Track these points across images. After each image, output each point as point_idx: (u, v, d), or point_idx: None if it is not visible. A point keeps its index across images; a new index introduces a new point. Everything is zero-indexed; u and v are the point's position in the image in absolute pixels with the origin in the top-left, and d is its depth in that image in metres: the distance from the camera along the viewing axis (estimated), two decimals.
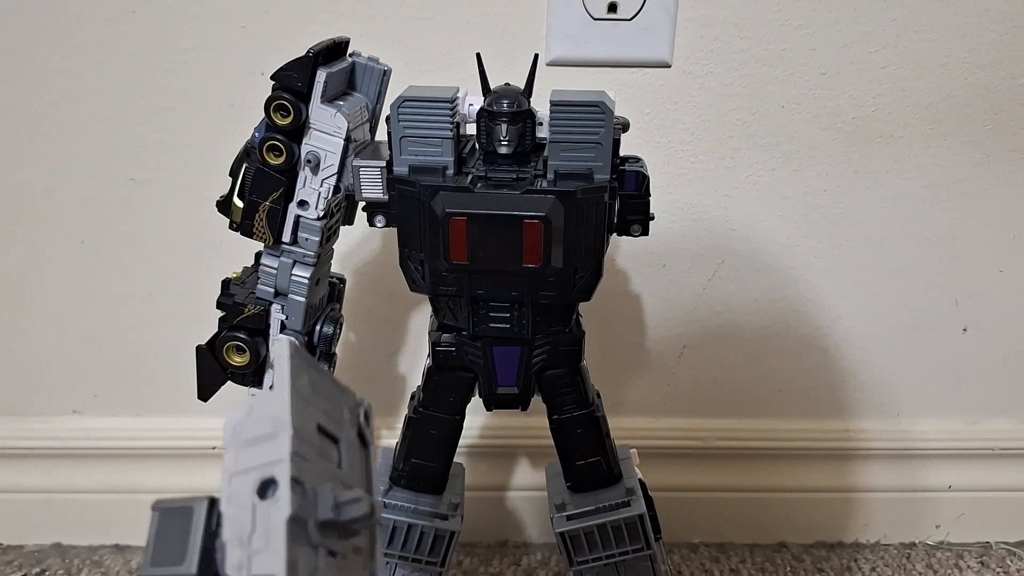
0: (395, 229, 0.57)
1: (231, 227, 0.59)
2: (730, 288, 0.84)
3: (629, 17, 0.69)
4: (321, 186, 0.57)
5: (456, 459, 0.67)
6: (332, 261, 0.65)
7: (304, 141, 0.56)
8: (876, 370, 0.87)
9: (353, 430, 0.36)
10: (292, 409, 0.30)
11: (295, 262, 0.59)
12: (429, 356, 0.62)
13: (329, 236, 0.61)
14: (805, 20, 0.74)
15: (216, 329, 0.61)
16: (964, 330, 0.85)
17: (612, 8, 0.71)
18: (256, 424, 0.30)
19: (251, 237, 0.59)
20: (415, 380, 0.71)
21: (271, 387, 0.31)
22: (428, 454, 0.64)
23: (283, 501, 0.28)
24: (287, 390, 0.31)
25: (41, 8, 0.74)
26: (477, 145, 0.58)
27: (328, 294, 0.65)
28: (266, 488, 0.28)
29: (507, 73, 0.59)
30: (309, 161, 0.56)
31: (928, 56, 0.75)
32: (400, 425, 0.65)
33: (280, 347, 0.32)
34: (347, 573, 0.30)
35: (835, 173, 0.79)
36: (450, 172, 0.55)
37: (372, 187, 0.56)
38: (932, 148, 0.79)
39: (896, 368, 0.87)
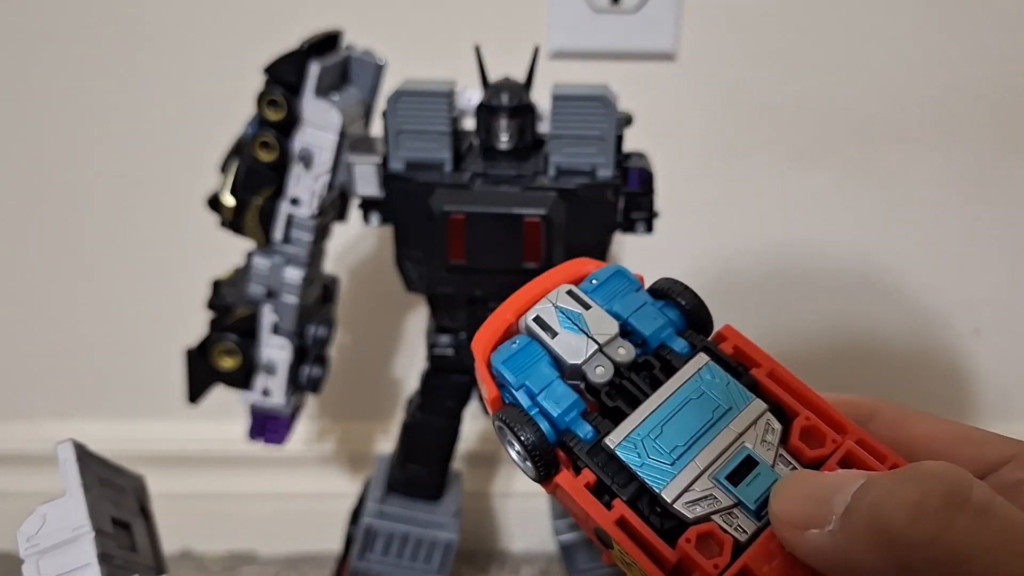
0: (391, 227, 0.56)
1: (222, 225, 0.58)
2: (736, 287, 0.83)
3: (632, 7, 0.67)
4: (315, 183, 0.56)
5: (454, 465, 0.66)
6: (326, 260, 0.63)
7: (297, 136, 0.55)
8: (885, 371, 0.86)
9: (137, 507, 0.38)
10: (89, 511, 0.32)
11: (287, 261, 0.58)
12: (426, 359, 0.61)
13: (322, 234, 0.60)
14: (814, 14, 0.73)
15: (206, 331, 0.60)
16: (975, 331, 0.84)
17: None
18: (53, 532, 0.32)
19: (242, 235, 0.57)
20: (412, 384, 0.69)
21: (64, 494, 0.33)
22: (425, 460, 0.63)
23: None
24: (80, 494, 0.33)
25: (26, 5, 0.72)
26: (476, 141, 0.57)
27: (321, 295, 0.64)
28: None
29: (507, 66, 0.58)
30: (302, 157, 0.55)
31: (940, 52, 0.74)
32: (396, 430, 0.64)
33: (65, 451, 0.34)
34: None
35: (844, 171, 0.78)
36: (448, 168, 0.54)
37: (367, 184, 0.55)
38: (943, 145, 0.77)
39: (905, 369, 0.86)
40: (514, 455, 0.29)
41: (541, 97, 0.55)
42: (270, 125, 0.54)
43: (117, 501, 0.36)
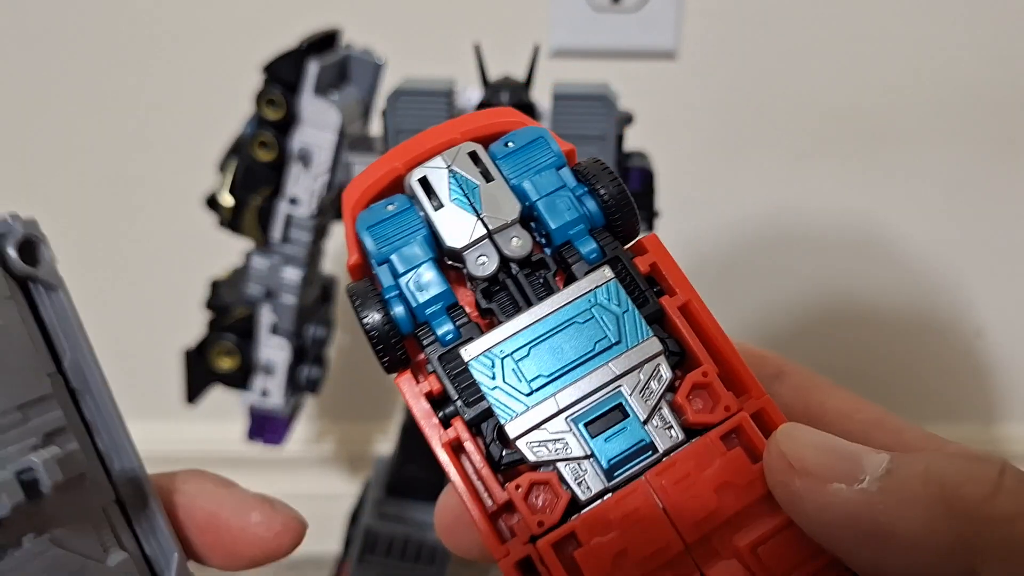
0: None
1: (220, 224, 0.57)
2: (736, 287, 0.82)
3: (633, 6, 0.67)
4: (314, 182, 0.55)
5: None
6: (324, 261, 0.63)
7: (295, 136, 0.55)
8: (887, 372, 0.86)
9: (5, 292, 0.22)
10: None
11: (286, 261, 0.57)
12: None
13: (321, 234, 0.59)
14: (815, 14, 0.73)
15: (204, 331, 0.59)
16: (978, 333, 0.84)
17: None
18: None
19: (241, 235, 0.57)
20: None
21: None
22: (424, 461, 0.63)
23: None
24: None
25: (25, 5, 0.72)
26: None
27: (320, 295, 0.63)
28: None
29: (507, 65, 0.57)
30: (301, 156, 0.55)
31: (940, 52, 0.74)
32: (395, 431, 0.64)
33: None
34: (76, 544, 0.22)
35: (845, 171, 0.78)
36: None
37: None
38: (945, 146, 0.77)
39: (908, 370, 0.86)
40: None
41: (541, 96, 0.55)
42: (268, 124, 0.54)
43: None
